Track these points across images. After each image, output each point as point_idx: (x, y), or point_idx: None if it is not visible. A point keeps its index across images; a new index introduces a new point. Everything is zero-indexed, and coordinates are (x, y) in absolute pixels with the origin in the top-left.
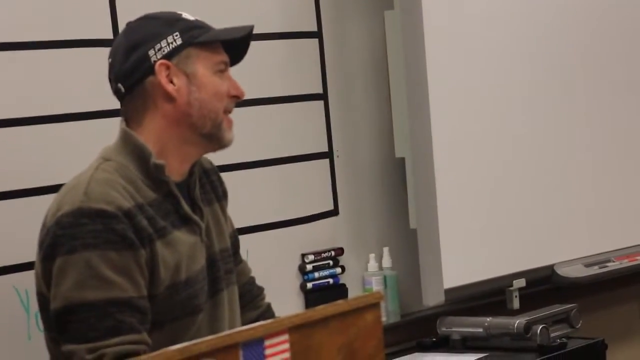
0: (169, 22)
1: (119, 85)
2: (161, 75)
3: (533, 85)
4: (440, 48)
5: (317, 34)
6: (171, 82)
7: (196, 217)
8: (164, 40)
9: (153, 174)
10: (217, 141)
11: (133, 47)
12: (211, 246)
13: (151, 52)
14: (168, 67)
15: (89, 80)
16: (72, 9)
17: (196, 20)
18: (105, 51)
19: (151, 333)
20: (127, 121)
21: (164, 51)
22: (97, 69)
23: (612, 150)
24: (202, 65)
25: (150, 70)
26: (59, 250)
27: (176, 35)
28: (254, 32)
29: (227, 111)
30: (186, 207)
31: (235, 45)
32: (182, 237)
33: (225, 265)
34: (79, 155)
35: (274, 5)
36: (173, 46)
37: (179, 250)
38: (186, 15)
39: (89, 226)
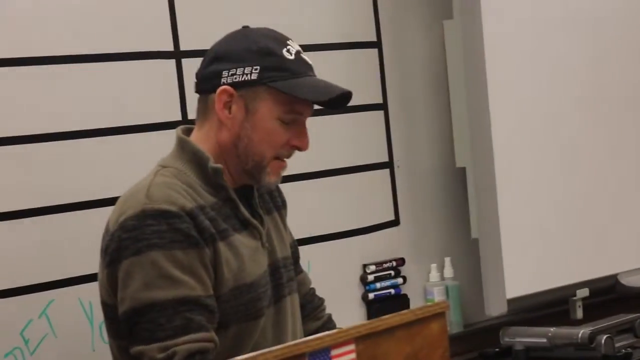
0: (260, 51)
1: (195, 83)
2: (219, 100)
3: (595, 92)
4: (500, 57)
5: (377, 44)
6: (230, 108)
7: (255, 222)
8: (241, 69)
9: (211, 179)
10: (257, 181)
11: (217, 58)
12: (273, 253)
13: (225, 73)
14: (231, 95)
15: (151, 92)
16: (133, 22)
17: (294, 60)
18: (166, 63)
19: (216, 334)
20: (187, 126)
21: (235, 78)
22: (159, 80)
23: None
24: (267, 108)
25: (215, 88)
26: (124, 254)
27: (255, 69)
28: (313, 42)
29: (279, 158)
30: (245, 212)
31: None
32: (244, 240)
33: (287, 272)
34: (141, 167)
35: (333, 16)
36: (245, 78)
37: (240, 252)
38: (288, 49)
39: (153, 227)
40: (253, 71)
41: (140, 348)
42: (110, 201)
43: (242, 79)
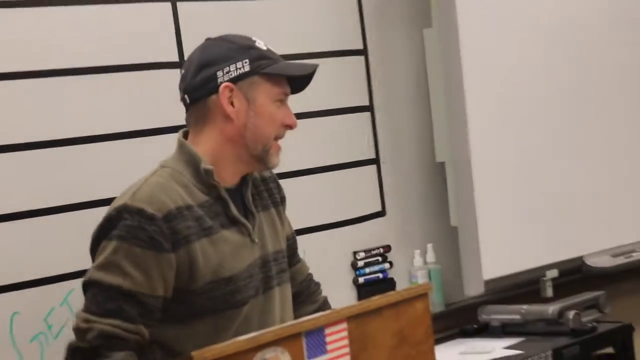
0: (242, 47)
1: (186, 96)
2: (223, 97)
3: (560, 92)
4: (476, 61)
5: (363, 52)
6: (232, 103)
7: (243, 219)
8: (233, 65)
9: (204, 179)
10: (264, 163)
11: (205, 65)
12: (264, 247)
13: (219, 74)
14: (231, 90)
15: (159, 98)
16: (143, 37)
17: (267, 50)
18: (172, 72)
19: (193, 323)
20: (188, 129)
21: (231, 75)
22: (166, 88)
23: (632, 153)
24: (263, 94)
25: (215, 89)
26: (102, 237)
27: (245, 62)
28: (307, 51)
29: (278, 138)
30: (234, 210)
31: (297, 78)
32: (229, 236)
33: (278, 265)
34: (149, 167)
35: (323, 26)
36: (240, 72)
37: (222, 248)
38: (259, 43)
39: (127, 221)
40: (244, 64)
41: (78, 312)
42: None
43: (237, 73)
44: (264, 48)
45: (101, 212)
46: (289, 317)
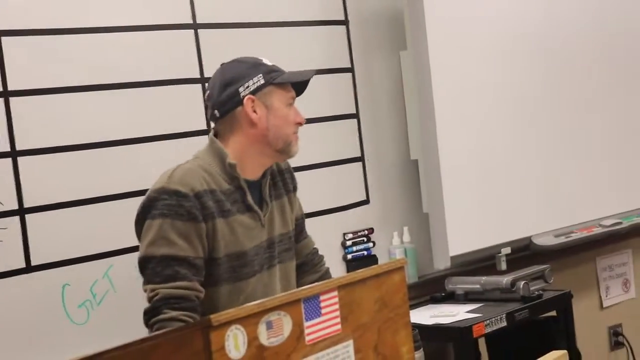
0: (254, 66)
1: (215, 111)
2: (248, 107)
3: (512, 101)
4: (443, 78)
5: (351, 70)
6: (254, 111)
7: (256, 208)
8: (251, 80)
9: (228, 171)
10: (287, 153)
11: (227, 84)
12: (272, 231)
13: (241, 89)
14: (253, 101)
15: (182, 109)
16: (169, 54)
17: (273, 65)
18: (194, 87)
19: (213, 288)
20: (217, 136)
21: (250, 89)
22: (189, 100)
23: (571, 153)
24: (277, 100)
25: (240, 102)
26: (145, 216)
27: (259, 77)
28: (307, 69)
29: (294, 132)
30: (250, 199)
31: (299, 84)
32: (243, 220)
33: (282, 246)
34: (172, 165)
35: (318, 49)
36: (257, 85)
37: (236, 229)
38: (265, 60)
39: (166, 201)
40: (259, 79)
41: (144, 287)
42: None
43: (255, 86)
44: (270, 64)
45: (137, 202)
46: (289, 288)
